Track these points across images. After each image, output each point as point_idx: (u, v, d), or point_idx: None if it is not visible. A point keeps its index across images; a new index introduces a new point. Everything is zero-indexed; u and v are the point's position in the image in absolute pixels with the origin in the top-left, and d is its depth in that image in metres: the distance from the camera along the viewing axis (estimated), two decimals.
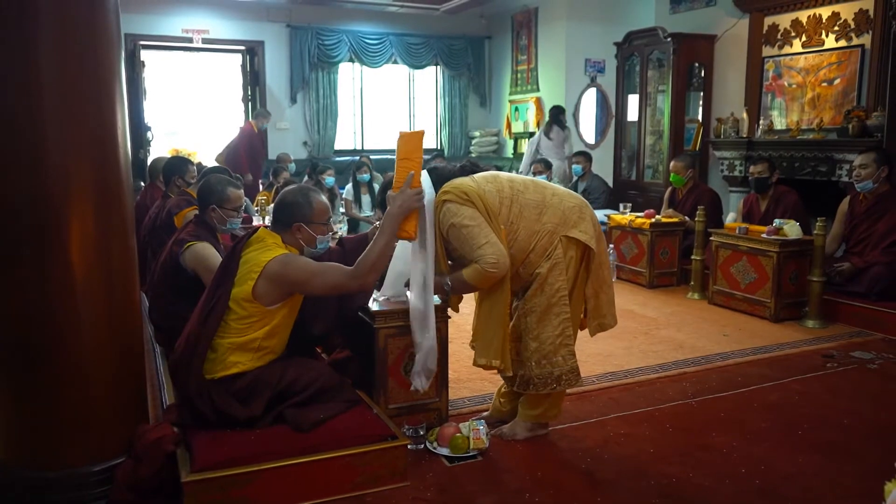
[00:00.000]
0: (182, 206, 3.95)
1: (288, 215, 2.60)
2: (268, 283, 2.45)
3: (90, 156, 2.24)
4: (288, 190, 2.73)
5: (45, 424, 2.27)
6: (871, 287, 4.52)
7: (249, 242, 2.58)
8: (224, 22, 9.20)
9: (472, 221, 2.60)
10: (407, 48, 10.04)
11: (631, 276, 5.83)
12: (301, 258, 2.53)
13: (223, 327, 2.49)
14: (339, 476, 2.41)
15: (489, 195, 2.67)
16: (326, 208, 2.65)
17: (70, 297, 2.23)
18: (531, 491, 2.47)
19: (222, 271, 2.56)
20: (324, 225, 2.64)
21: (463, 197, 2.63)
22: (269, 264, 2.45)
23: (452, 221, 2.61)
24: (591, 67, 8.81)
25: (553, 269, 2.69)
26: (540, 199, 2.74)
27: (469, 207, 2.61)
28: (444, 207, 2.64)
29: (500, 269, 2.58)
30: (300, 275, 2.47)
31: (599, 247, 2.78)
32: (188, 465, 2.28)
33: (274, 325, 2.54)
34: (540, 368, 2.73)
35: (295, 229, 2.59)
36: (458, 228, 2.60)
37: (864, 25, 5.80)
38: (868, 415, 3.15)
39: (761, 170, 5.24)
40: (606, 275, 2.83)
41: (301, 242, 2.62)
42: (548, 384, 2.73)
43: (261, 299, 2.47)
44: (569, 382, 2.76)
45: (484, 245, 2.57)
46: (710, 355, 3.96)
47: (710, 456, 2.74)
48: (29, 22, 2.10)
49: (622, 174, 8.18)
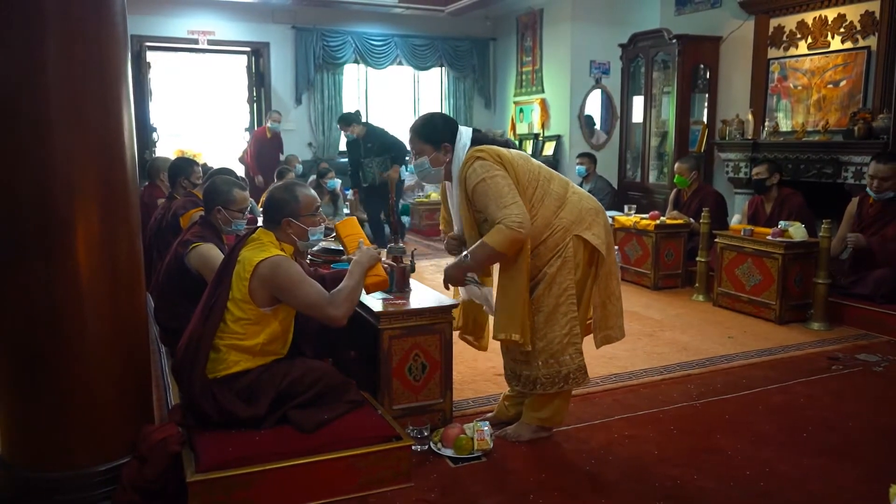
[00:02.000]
0: (188, 208, 3.96)
1: (276, 212, 2.61)
2: (258, 284, 2.47)
3: (97, 158, 2.25)
4: (273, 187, 2.77)
5: (51, 425, 2.28)
6: (877, 289, 4.50)
7: (247, 242, 2.60)
8: (229, 23, 9.22)
9: (502, 180, 2.60)
10: (412, 50, 10.05)
11: (635, 277, 5.83)
12: (293, 266, 2.53)
13: (223, 328, 2.50)
14: (344, 477, 2.41)
15: (521, 169, 2.69)
16: (313, 200, 2.66)
17: (76, 298, 2.24)
18: (535, 492, 2.47)
19: (222, 271, 2.58)
20: (312, 216, 2.65)
21: (496, 159, 2.64)
22: (260, 265, 2.46)
23: (483, 176, 2.60)
24: (595, 69, 8.81)
25: (562, 268, 2.69)
26: (563, 192, 2.75)
27: (501, 168, 2.63)
28: (474, 164, 2.64)
29: (525, 229, 2.56)
30: (285, 281, 2.47)
31: (610, 256, 2.78)
32: (193, 466, 2.29)
33: (273, 331, 2.55)
34: (547, 368, 2.73)
35: (285, 225, 2.61)
36: (486, 183, 2.59)
37: (869, 27, 5.78)
38: (873, 417, 3.14)
39: (760, 171, 5.26)
40: (615, 286, 2.81)
41: (293, 237, 2.63)
42: (555, 383, 2.73)
43: (255, 300, 2.48)
44: (576, 381, 2.76)
45: (511, 205, 2.56)
46: (715, 357, 3.95)
47: (715, 458, 2.74)
48: (35, 25, 2.11)
49: (627, 176, 8.17)
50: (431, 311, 2.86)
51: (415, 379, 2.86)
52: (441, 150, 2.76)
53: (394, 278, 3.02)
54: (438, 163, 2.78)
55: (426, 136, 2.78)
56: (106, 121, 2.27)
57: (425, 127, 2.80)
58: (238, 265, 2.52)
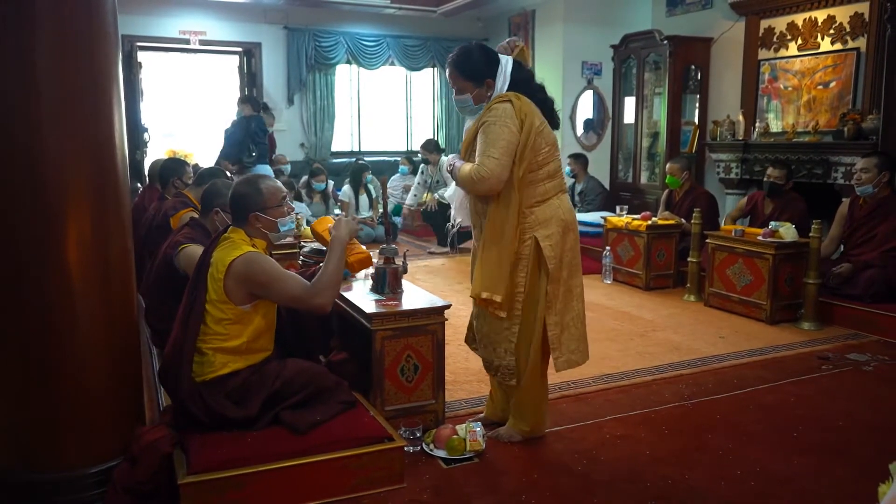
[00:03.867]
0: (178, 208, 3.94)
1: (241, 208, 2.59)
2: (234, 282, 2.45)
3: (88, 158, 2.24)
4: (236, 182, 2.72)
5: (42, 426, 2.27)
6: (867, 289, 4.53)
7: (219, 242, 2.58)
8: (221, 23, 9.19)
9: (508, 135, 2.57)
10: (404, 50, 10.05)
11: (627, 278, 5.84)
12: (267, 261, 2.51)
13: (205, 331, 2.48)
14: (336, 478, 2.41)
15: (542, 139, 2.64)
16: (277, 191, 2.62)
17: (67, 298, 2.23)
18: (527, 493, 2.47)
19: (197, 273, 2.55)
20: (278, 207, 2.61)
21: (522, 114, 2.60)
22: (233, 263, 2.45)
23: (498, 121, 2.57)
24: (587, 70, 8.82)
25: (517, 265, 2.67)
26: (553, 192, 2.72)
27: (518, 125, 2.59)
28: (503, 104, 2.60)
29: (485, 184, 2.57)
30: (262, 277, 2.46)
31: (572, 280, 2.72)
32: (185, 467, 2.28)
33: (256, 328, 2.53)
34: (485, 352, 2.81)
35: (252, 220, 2.58)
36: (494, 126, 2.57)
37: (859, 29, 5.82)
38: (863, 417, 3.16)
39: (778, 175, 5.18)
40: (580, 309, 2.77)
41: (263, 231, 2.60)
42: (497, 370, 2.79)
43: (233, 299, 2.46)
44: (513, 377, 2.76)
45: (492, 157, 2.54)
46: (706, 357, 3.97)
47: (706, 458, 2.75)
48: (26, 24, 2.10)
49: (618, 176, 8.19)
50: (424, 312, 2.86)
51: (407, 380, 2.86)
52: (483, 85, 2.70)
53: (386, 280, 3.02)
54: (481, 99, 2.72)
55: (468, 73, 2.70)
56: (97, 120, 2.26)
57: (467, 62, 2.71)
58: (211, 267, 2.50)
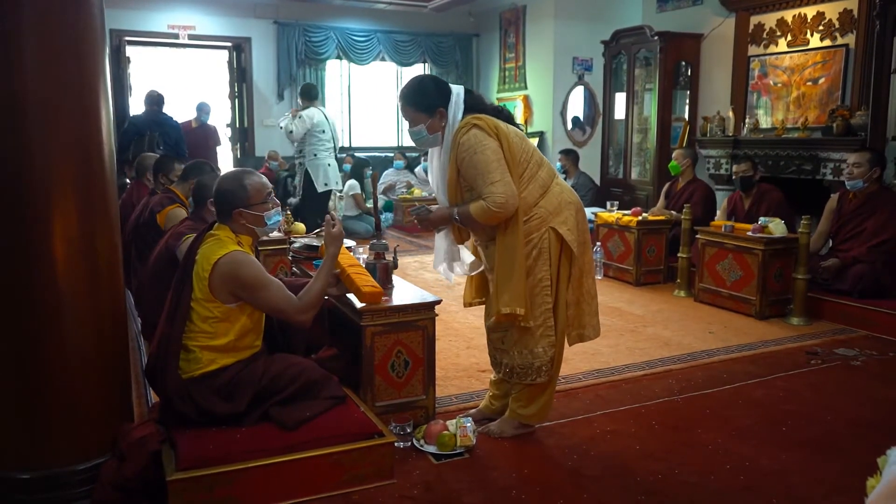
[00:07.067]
0: (165, 205, 3.92)
1: (226, 205, 2.56)
2: (219, 281, 2.42)
3: (73, 152, 2.22)
4: (221, 177, 2.68)
5: (29, 423, 2.25)
6: (855, 285, 4.56)
7: (205, 239, 2.55)
8: (210, 18, 9.14)
9: (493, 154, 2.57)
10: (395, 45, 10.03)
11: (618, 273, 5.86)
12: (253, 264, 2.48)
13: (192, 328, 2.46)
14: (326, 474, 2.40)
15: (515, 146, 2.66)
16: (262, 186, 2.59)
17: (54, 295, 2.21)
18: (518, 488, 2.47)
19: (182, 270, 2.53)
20: (264, 203, 2.59)
21: (493, 130, 2.61)
22: (219, 262, 2.43)
23: (475, 148, 2.57)
24: (578, 65, 8.84)
25: (538, 259, 2.68)
26: (548, 181, 2.73)
27: (495, 141, 2.60)
28: (470, 132, 2.60)
29: (507, 209, 2.57)
30: (249, 280, 2.44)
31: (584, 256, 2.76)
32: (173, 464, 2.27)
33: (242, 326, 2.51)
34: (522, 358, 2.74)
35: (237, 216, 2.55)
36: (476, 156, 2.57)
37: (848, 25, 5.84)
38: (851, 411, 3.18)
39: (745, 168, 5.29)
40: (591, 284, 2.81)
41: (249, 226, 2.58)
42: (528, 374, 2.75)
43: (219, 297, 2.44)
44: (548, 374, 2.76)
45: (497, 182, 2.55)
46: (696, 352, 3.98)
47: (696, 452, 2.76)
48: (11, 17, 2.08)
49: (609, 172, 8.20)
50: (414, 308, 2.85)
51: (397, 375, 2.85)
52: (436, 115, 2.70)
53: (377, 275, 3.01)
54: (435, 129, 2.72)
55: (420, 104, 2.71)
56: (83, 114, 2.24)
57: (417, 94, 2.72)
58: (196, 264, 2.47)
